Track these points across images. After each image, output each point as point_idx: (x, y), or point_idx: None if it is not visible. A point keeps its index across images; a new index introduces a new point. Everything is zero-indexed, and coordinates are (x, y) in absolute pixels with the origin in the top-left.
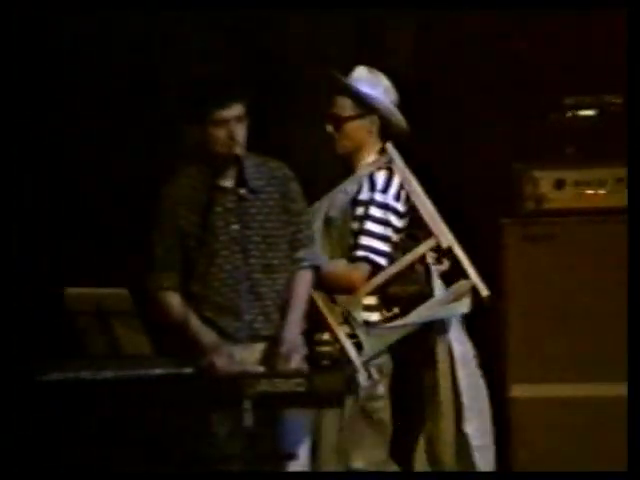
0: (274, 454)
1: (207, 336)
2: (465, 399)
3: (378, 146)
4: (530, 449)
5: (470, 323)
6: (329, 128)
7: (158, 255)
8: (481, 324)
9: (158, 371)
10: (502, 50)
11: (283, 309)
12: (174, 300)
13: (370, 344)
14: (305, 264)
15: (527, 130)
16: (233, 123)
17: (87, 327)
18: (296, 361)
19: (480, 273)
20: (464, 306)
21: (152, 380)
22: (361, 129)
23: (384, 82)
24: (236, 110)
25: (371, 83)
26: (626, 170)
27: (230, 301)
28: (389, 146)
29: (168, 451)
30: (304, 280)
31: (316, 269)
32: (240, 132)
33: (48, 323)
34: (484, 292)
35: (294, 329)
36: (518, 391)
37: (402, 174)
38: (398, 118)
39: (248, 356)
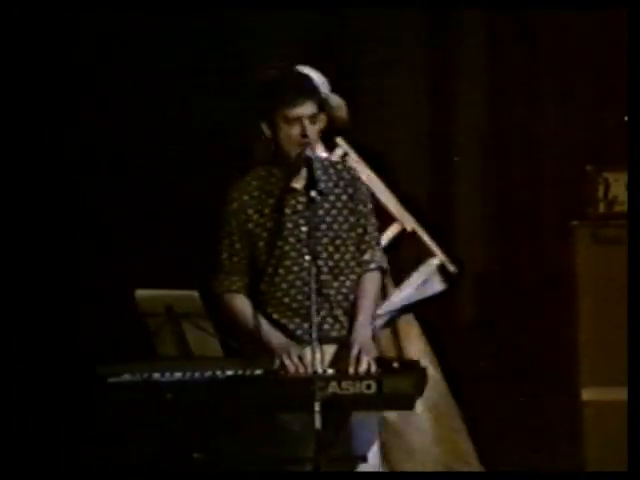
0: (346, 456)
1: (276, 338)
2: None
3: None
4: (602, 452)
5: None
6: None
7: (225, 258)
8: (552, 326)
9: (228, 373)
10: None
11: (352, 311)
12: (241, 303)
13: None
14: (372, 266)
15: (601, 132)
16: (306, 121)
17: (157, 329)
18: (366, 363)
19: (551, 275)
20: (436, 285)
21: (222, 382)
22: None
23: (322, 77)
24: (309, 109)
25: (320, 80)
26: None
27: (298, 303)
28: (340, 140)
29: (236, 452)
30: (372, 282)
31: (383, 271)
32: (312, 131)
33: (119, 325)
34: (451, 268)
35: (364, 331)
36: (590, 394)
37: (358, 166)
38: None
39: (318, 358)
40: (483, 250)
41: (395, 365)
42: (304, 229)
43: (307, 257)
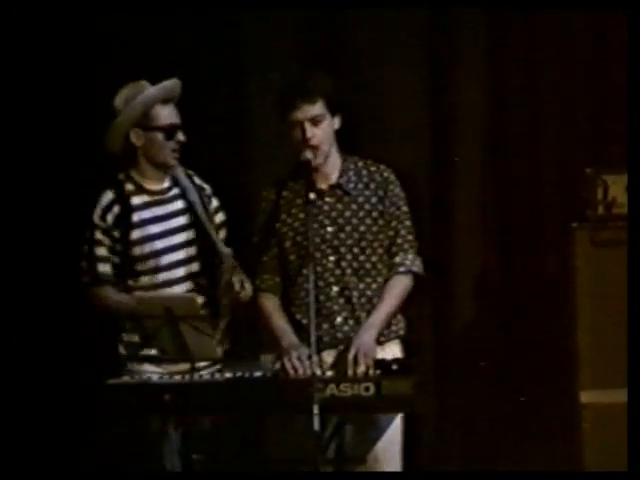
0: (345, 457)
1: (287, 339)
2: None
3: None
4: (600, 454)
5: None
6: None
7: (256, 257)
8: (551, 328)
9: (227, 375)
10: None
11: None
12: (267, 301)
13: None
14: (402, 269)
15: (601, 135)
16: (307, 124)
17: (155, 331)
18: (365, 365)
19: (550, 277)
20: None
21: (221, 384)
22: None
23: None
24: (310, 111)
25: None
26: None
27: (319, 303)
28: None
29: (235, 454)
30: (398, 285)
31: (414, 275)
32: (316, 133)
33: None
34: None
35: (368, 332)
36: (588, 397)
37: None
38: None
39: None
40: (482, 252)
41: (394, 367)
42: (329, 229)
43: (331, 258)
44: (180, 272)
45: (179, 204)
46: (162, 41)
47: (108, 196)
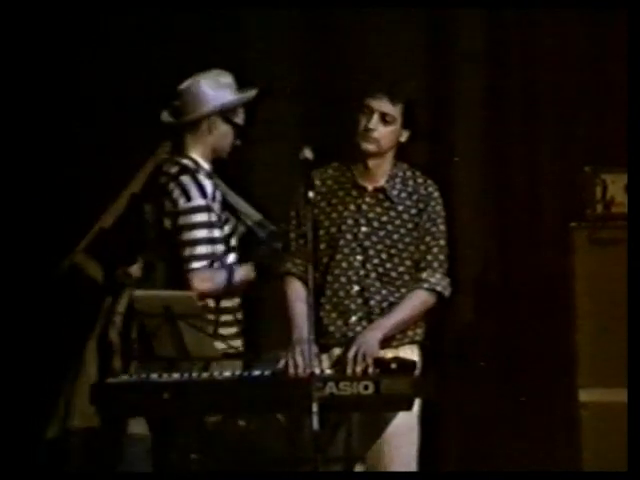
0: (344, 457)
1: (297, 332)
2: None
3: None
4: (599, 453)
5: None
6: None
7: (292, 238)
8: (549, 327)
9: (226, 373)
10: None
11: None
12: (292, 287)
13: None
14: (425, 286)
15: (600, 134)
16: (376, 116)
17: (155, 329)
18: (364, 364)
19: (549, 276)
20: None
21: (220, 382)
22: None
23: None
24: (385, 106)
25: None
26: None
27: (339, 299)
28: None
29: (234, 453)
30: (417, 299)
31: (438, 295)
32: (381, 130)
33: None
34: None
35: (372, 333)
36: (587, 396)
37: None
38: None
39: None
40: (481, 251)
41: (393, 366)
42: (364, 229)
43: (358, 257)
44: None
45: None
46: (162, 40)
47: (208, 181)
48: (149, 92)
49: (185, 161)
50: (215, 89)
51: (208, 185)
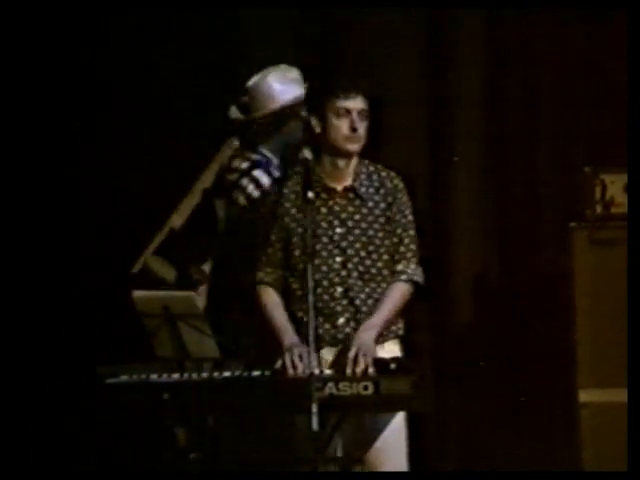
0: (343, 457)
1: (287, 337)
2: None
3: None
4: (599, 453)
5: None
6: None
7: (260, 249)
8: (549, 328)
9: (226, 374)
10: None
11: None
12: (268, 296)
13: None
14: (403, 277)
15: (599, 134)
16: (355, 115)
17: (155, 330)
18: (364, 364)
19: (548, 276)
20: None
21: (219, 383)
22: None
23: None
24: (360, 104)
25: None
26: None
27: (323, 302)
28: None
29: (233, 453)
30: (398, 292)
31: (415, 285)
32: (361, 127)
33: (116, 325)
34: None
35: (367, 333)
36: (587, 396)
37: None
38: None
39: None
40: (481, 252)
41: (392, 366)
42: (338, 230)
43: (337, 259)
44: None
45: None
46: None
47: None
48: (149, 91)
49: (255, 156)
50: (283, 84)
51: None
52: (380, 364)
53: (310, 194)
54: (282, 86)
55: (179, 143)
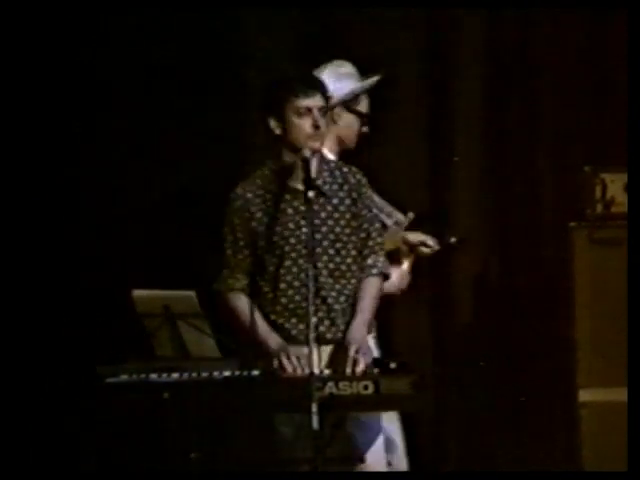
0: (343, 457)
1: (273, 339)
2: None
3: None
4: (599, 453)
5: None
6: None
7: (229, 255)
8: (549, 327)
9: (226, 373)
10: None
11: (351, 313)
12: (242, 303)
13: None
14: (374, 271)
15: (599, 133)
16: (317, 113)
17: (155, 329)
18: (364, 364)
19: (548, 276)
20: None
21: (219, 382)
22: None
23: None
24: (319, 101)
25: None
26: None
27: (295, 304)
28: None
29: (234, 453)
30: (372, 286)
31: (385, 277)
32: (323, 125)
33: (116, 325)
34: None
35: (360, 332)
36: (587, 395)
37: None
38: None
39: (315, 359)
40: (481, 251)
41: (392, 366)
42: (305, 230)
43: (306, 258)
44: None
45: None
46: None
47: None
48: (149, 91)
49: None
50: (336, 80)
51: None
52: (380, 363)
53: (310, 194)
54: (335, 82)
55: (179, 143)
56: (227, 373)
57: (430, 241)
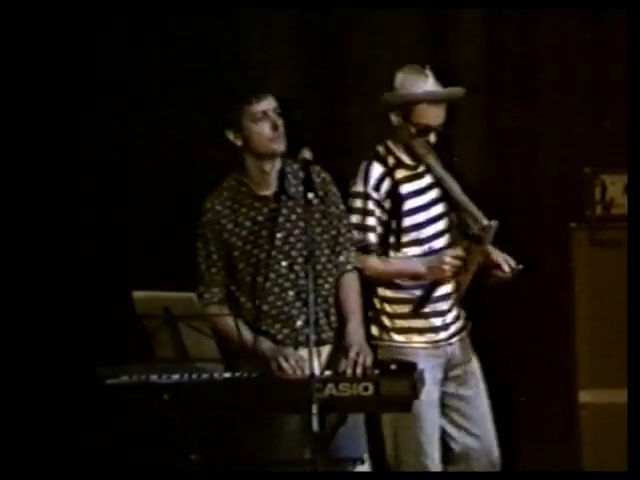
0: (342, 457)
1: (266, 344)
2: None
3: None
4: (599, 453)
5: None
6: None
7: (203, 270)
8: (549, 328)
9: (226, 375)
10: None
11: (338, 314)
12: (223, 312)
13: None
14: (349, 267)
15: (599, 134)
16: (273, 115)
17: (155, 331)
18: (364, 365)
19: (548, 277)
20: None
21: (220, 384)
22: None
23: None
24: (273, 102)
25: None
26: None
27: (278, 309)
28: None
29: (235, 454)
30: (353, 283)
31: (360, 271)
32: (281, 125)
33: (116, 326)
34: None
35: (358, 333)
36: (587, 397)
37: None
38: None
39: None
40: None
41: (392, 367)
42: (279, 235)
43: (283, 263)
44: (440, 243)
45: (428, 179)
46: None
47: (378, 169)
48: (149, 91)
49: (379, 147)
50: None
51: (375, 174)
52: (380, 365)
53: (310, 195)
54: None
55: (179, 143)
56: (227, 374)
57: (506, 266)
